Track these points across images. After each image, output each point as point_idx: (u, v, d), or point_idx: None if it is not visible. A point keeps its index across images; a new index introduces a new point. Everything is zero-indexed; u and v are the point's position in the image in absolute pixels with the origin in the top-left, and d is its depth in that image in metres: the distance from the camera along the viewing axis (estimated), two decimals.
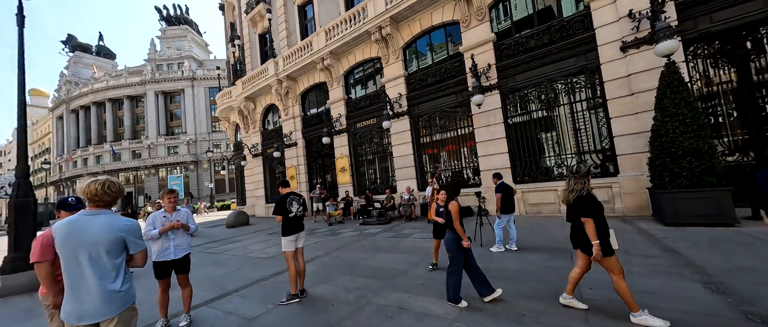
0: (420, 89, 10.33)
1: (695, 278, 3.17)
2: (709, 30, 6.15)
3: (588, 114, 7.58)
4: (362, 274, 4.44)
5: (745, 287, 2.85)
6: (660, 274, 3.38)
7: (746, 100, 6.03)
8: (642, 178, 6.44)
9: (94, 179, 1.83)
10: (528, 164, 8.33)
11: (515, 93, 8.55)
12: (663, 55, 5.43)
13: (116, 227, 1.79)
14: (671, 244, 4.41)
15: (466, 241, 3.14)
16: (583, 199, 2.71)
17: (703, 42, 6.32)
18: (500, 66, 8.61)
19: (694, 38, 6.31)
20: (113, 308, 1.70)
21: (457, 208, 3.21)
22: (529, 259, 4.39)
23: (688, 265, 3.53)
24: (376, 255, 5.45)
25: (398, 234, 7.29)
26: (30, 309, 4.38)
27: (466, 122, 9.43)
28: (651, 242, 4.60)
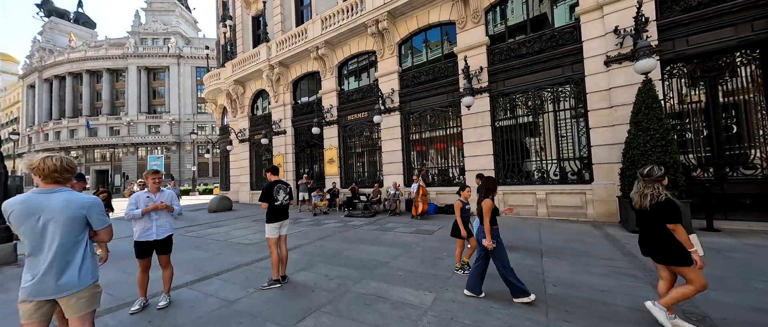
0: (413, 86, 10.43)
1: (646, 280, 3.48)
2: (685, 52, 6.53)
3: (571, 122, 7.93)
4: (344, 264, 4.56)
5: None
6: (617, 276, 3.68)
7: (712, 120, 6.49)
8: (613, 187, 6.84)
9: (49, 155, 1.76)
10: (511, 167, 8.64)
11: (504, 97, 8.79)
12: (642, 72, 5.76)
13: (76, 204, 1.74)
14: (632, 249, 4.76)
15: (488, 241, 3.12)
16: (663, 204, 2.45)
17: (679, 62, 6.71)
18: (492, 70, 8.81)
19: (672, 59, 6.69)
20: (73, 286, 1.68)
21: (490, 206, 3.19)
22: None
23: (643, 268, 3.86)
24: (359, 246, 5.58)
25: (382, 227, 7.45)
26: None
27: (456, 122, 9.63)
28: (614, 247, 4.95)
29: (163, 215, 3.46)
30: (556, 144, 8.06)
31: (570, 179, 7.79)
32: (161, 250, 3.44)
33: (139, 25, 45.35)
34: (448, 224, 7.16)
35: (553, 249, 4.93)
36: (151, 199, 3.41)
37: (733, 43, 6.10)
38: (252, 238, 6.82)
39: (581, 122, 7.73)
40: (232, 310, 3.18)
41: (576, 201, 7.46)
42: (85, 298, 1.74)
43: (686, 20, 6.42)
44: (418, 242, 5.75)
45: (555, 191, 7.75)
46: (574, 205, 7.47)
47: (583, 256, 4.52)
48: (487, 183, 3.35)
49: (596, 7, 7.21)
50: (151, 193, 3.44)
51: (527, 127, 8.58)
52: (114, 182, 37.97)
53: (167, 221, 3.50)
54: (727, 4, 6.07)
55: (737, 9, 5.99)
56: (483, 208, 3.18)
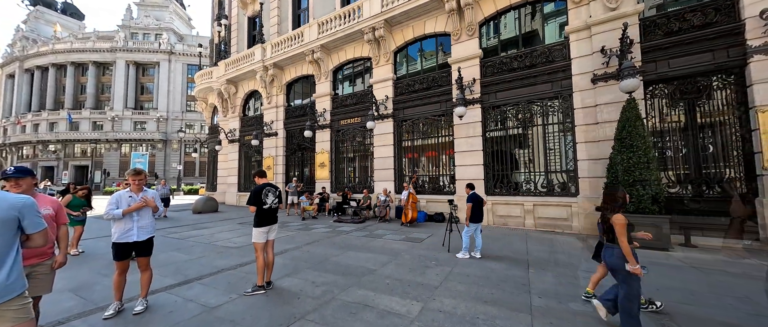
0: (407, 94, 10.53)
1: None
2: (666, 73, 6.86)
3: (558, 136, 8.15)
4: (331, 270, 4.50)
5: (668, 304, 3.25)
6: (598, 287, 3.76)
7: (691, 139, 6.79)
8: (597, 201, 7.03)
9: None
10: (500, 178, 8.77)
11: (496, 109, 8.97)
12: (626, 91, 6.00)
13: (7, 204, 1.57)
14: None
15: (634, 266, 2.49)
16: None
17: (660, 83, 7.03)
18: (484, 82, 9.00)
19: (654, 79, 7.00)
20: (4, 294, 1.51)
21: (624, 222, 2.61)
22: (490, 267, 4.67)
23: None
24: (347, 252, 5.52)
25: (371, 234, 7.40)
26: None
27: (448, 131, 9.75)
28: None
29: (146, 216, 3.35)
30: (544, 157, 8.26)
31: (557, 191, 7.96)
32: (141, 252, 3.32)
33: (131, 19, 44.44)
34: (439, 232, 7.19)
35: (539, 260, 4.99)
36: (134, 199, 3.30)
37: (711, 68, 6.45)
38: (237, 241, 6.66)
39: (569, 136, 7.96)
40: (213, 316, 3.08)
41: (562, 213, 7.62)
42: (13, 311, 1.56)
43: (667, 44, 6.76)
44: (406, 250, 5.73)
45: (542, 203, 7.90)
46: (560, 217, 7.63)
47: (567, 267, 4.59)
48: (615, 195, 2.83)
49: (585, 27, 7.51)
50: (133, 193, 3.33)
51: (517, 139, 8.77)
52: (94, 179, 36.51)
53: (150, 223, 3.39)
54: (706, 30, 6.42)
55: (714, 36, 6.35)
56: (616, 225, 2.62)
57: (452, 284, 3.90)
